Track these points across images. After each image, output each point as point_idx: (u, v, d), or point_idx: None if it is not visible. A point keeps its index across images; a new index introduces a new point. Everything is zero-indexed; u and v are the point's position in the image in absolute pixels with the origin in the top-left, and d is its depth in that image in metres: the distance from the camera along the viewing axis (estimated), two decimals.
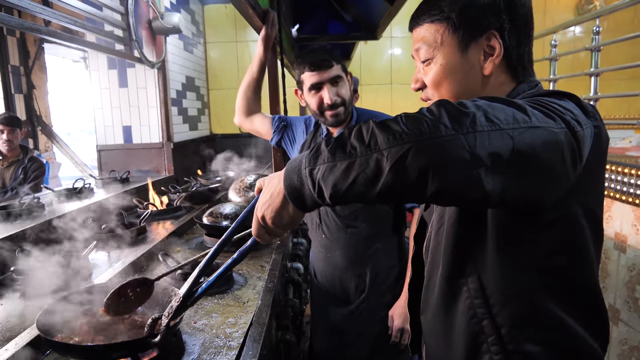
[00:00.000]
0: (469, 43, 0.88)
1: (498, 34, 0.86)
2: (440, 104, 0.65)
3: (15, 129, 3.26)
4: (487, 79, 0.89)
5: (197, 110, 4.91)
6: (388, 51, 5.38)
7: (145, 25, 3.34)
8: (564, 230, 0.79)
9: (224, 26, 5.27)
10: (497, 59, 0.87)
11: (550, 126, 0.66)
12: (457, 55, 0.88)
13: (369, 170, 0.63)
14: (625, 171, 2.02)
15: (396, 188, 0.63)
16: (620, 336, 2.08)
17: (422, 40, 0.91)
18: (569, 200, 0.76)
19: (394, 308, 1.81)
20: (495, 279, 0.83)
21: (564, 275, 0.81)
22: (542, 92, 0.83)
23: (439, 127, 0.61)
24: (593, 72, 2.60)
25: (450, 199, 0.67)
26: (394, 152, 0.62)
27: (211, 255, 0.91)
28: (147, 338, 0.99)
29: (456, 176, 0.62)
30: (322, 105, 1.75)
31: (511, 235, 0.80)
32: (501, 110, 0.65)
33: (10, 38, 3.98)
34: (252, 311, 1.39)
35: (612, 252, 2.14)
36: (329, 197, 0.68)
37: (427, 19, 0.90)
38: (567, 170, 0.68)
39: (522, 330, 0.82)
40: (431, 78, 0.92)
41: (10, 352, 1.08)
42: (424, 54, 0.91)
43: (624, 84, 5.04)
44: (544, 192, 0.69)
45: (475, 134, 0.61)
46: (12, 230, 1.85)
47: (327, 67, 1.72)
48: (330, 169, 0.66)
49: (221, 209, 2.18)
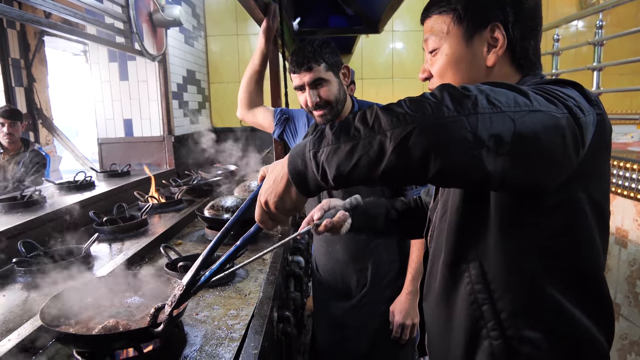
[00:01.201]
0: (473, 34, 0.89)
1: (502, 26, 0.88)
2: (443, 87, 0.66)
3: (16, 122, 3.25)
4: (490, 70, 0.91)
5: (198, 103, 4.90)
6: (389, 45, 5.36)
7: (146, 17, 3.32)
8: (567, 215, 0.79)
9: (225, 19, 5.24)
10: (500, 50, 0.89)
11: (552, 110, 0.67)
12: (462, 46, 0.90)
13: (372, 152, 0.65)
14: (627, 166, 2.01)
15: (399, 169, 0.64)
16: (621, 331, 2.08)
17: (430, 31, 0.94)
18: (572, 185, 0.76)
19: (395, 303, 1.81)
20: (496, 265, 0.84)
21: (566, 261, 0.82)
22: (545, 80, 0.84)
23: (442, 109, 0.63)
24: (595, 67, 2.59)
25: (452, 179, 0.68)
26: (397, 133, 0.63)
27: (214, 244, 0.91)
28: (150, 328, 0.99)
29: (458, 156, 0.63)
30: (307, 106, 1.75)
31: (514, 219, 0.81)
32: (503, 94, 0.66)
33: (10, 31, 3.97)
34: (253, 303, 1.40)
35: (613, 247, 2.14)
36: (332, 178, 0.69)
37: (435, 11, 0.93)
38: (569, 155, 0.69)
39: (521, 316, 0.83)
40: (437, 68, 0.94)
41: (13, 342, 1.08)
42: (431, 45, 0.94)
43: (626, 79, 5.03)
44: (545, 175, 0.70)
45: (477, 116, 0.62)
46: (13, 222, 1.85)
47: (307, 70, 1.68)
48: (334, 151, 0.67)
49: (222, 202, 2.18)
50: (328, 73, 1.71)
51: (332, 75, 1.72)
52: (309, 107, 1.74)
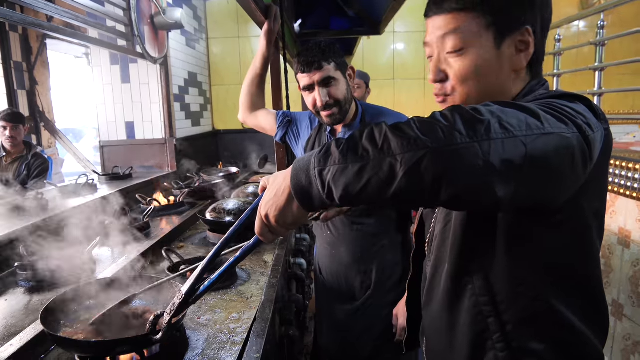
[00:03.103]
0: (504, 37, 0.84)
1: (532, 30, 0.85)
2: (454, 109, 0.65)
3: (19, 125, 3.26)
4: (514, 74, 0.88)
5: (200, 106, 4.91)
6: (391, 46, 5.36)
7: (148, 20, 3.33)
8: (572, 228, 0.79)
9: (227, 21, 5.25)
10: (529, 55, 0.86)
11: (563, 131, 0.66)
12: (493, 50, 0.85)
13: (382, 174, 0.63)
14: (629, 166, 2.01)
15: (409, 193, 0.63)
16: (624, 331, 2.08)
17: (452, 28, 0.85)
18: (578, 200, 0.76)
19: (398, 306, 1.79)
20: (502, 277, 0.83)
21: (571, 273, 0.82)
22: (553, 94, 0.82)
23: (454, 135, 0.61)
24: (597, 67, 2.58)
25: (463, 204, 0.68)
26: (408, 157, 0.61)
27: (214, 252, 0.91)
28: (149, 335, 0.99)
29: (470, 183, 0.62)
30: (315, 106, 1.75)
31: (520, 234, 0.80)
32: (514, 116, 0.65)
33: (12, 34, 3.98)
34: (255, 307, 1.40)
35: (616, 248, 2.13)
36: (339, 198, 0.67)
37: (458, 7, 0.84)
38: (578, 173, 0.68)
39: (527, 327, 0.83)
40: (459, 71, 0.86)
41: (15, 347, 1.08)
42: (452, 44, 0.85)
43: (628, 79, 5.02)
44: (553, 194, 0.70)
45: (489, 142, 0.61)
46: (16, 226, 1.85)
47: (318, 69, 1.69)
48: (341, 171, 0.66)
49: (224, 205, 2.18)
50: (337, 72, 1.73)
51: (340, 75, 1.74)
52: (317, 107, 1.74)
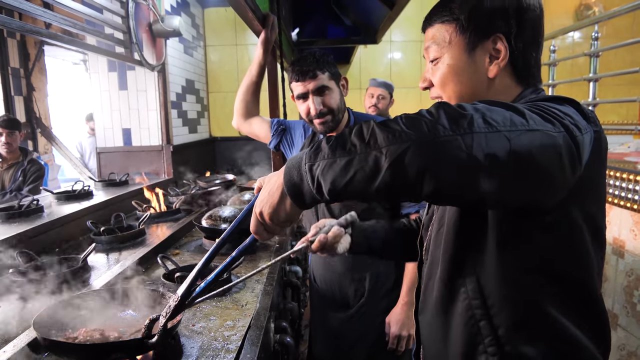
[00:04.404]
0: (475, 45, 0.89)
1: (504, 38, 0.87)
2: (439, 105, 0.66)
3: (14, 131, 3.26)
4: (491, 81, 0.90)
5: (197, 113, 4.92)
6: (388, 55, 5.39)
7: (146, 28, 3.34)
8: (564, 232, 0.79)
9: (224, 29, 5.28)
10: (502, 62, 0.88)
11: (548, 130, 0.66)
12: (464, 56, 0.90)
13: (368, 168, 0.65)
14: (623, 176, 2.02)
15: (393, 186, 0.65)
16: (619, 341, 2.08)
17: (432, 39, 0.93)
18: (569, 203, 0.76)
19: (391, 314, 1.80)
20: (494, 280, 0.83)
21: (563, 277, 0.81)
22: (542, 97, 0.83)
23: (437, 128, 0.63)
24: (592, 78, 2.61)
25: (446, 198, 0.69)
26: (393, 150, 0.63)
27: (209, 255, 0.91)
28: (144, 339, 0.99)
29: (452, 176, 0.63)
30: (309, 114, 1.77)
31: (511, 236, 0.81)
32: (499, 113, 0.66)
33: (10, 40, 3.98)
34: (250, 314, 1.39)
35: (611, 257, 2.14)
36: (327, 192, 0.69)
37: (437, 20, 0.93)
38: (565, 174, 0.68)
39: (519, 331, 0.82)
40: (438, 77, 0.93)
41: (8, 354, 1.08)
42: (432, 54, 0.94)
43: (622, 90, 5.05)
44: (541, 194, 0.70)
45: (472, 135, 0.62)
46: (10, 232, 1.84)
47: (312, 78, 1.71)
48: (329, 165, 0.68)
49: (220, 212, 2.18)
50: (331, 82, 1.76)
51: (334, 84, 1.77)
52: (310, 115, 1.76)
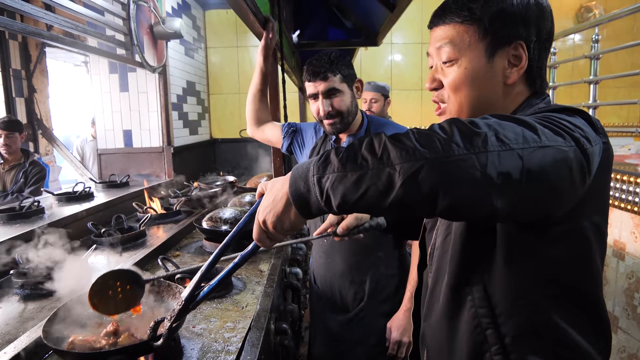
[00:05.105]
0: (496, 50, 0.87)
1: (525, 45, 0.86)
2: (452, 122, 0.66)
3: (14, 133, 3.26)
4: (508, 88, 0.89)
5: (198, 114, 4.92)
6: (388, 57, 5.40)
7: (147, 30, 3.35)
8: (572, 242, 0.79)
9: (225, 31, 5.29)
10: (522, 70, 0.87)
11: (560, 144, 0.67)
12: (483, 61, 0.87)
13: (381, 184, 0.64)
14: (624, 179, 2.02)
15: (406, 202, 0.64)
16: (619, 344, 2.08)
17: (447, 39, 0.89)
18: (577, 214, 0.76)
19: (392, 319, 1.79)
20: (501, 289, 0.83)
21: (571, 287, 0.81)
22: (552, 107, 0.83)
23: (452, 146, 0.63)
24: (592, 80, 2.61)
25: (459, 215, 0.68)
26: (407, 167, 0.62)
27: (213, 259, 0.92)
28: (150, 341, 0.99)
29: (466, 194, 0.63)
30: (319, 114, 1.79)
31: (519, 246, 0.80)
32: (511, 129, 0.66)
33: (12, 42, 3.99)
34: (250, 316, 1.39)
35: (611, 260, 2.14)
36: (336, 206, 0.68)
37: (455, 19, 0.88)
38: (575, 186, 0.69)
39: (526, 341, 0.82)
40: (452, 80, 0.90)
41: (9, 355, 1.08)
42: (447, 54, 0.89)
43: (622, 92, 5.06)
44: (551, 207, 0.70)
45: (486, 154, 0.62)
46: (12, 233, 1.85)
47: (323, 79, 1.73)
48: (340, 179, 0.67)
49: (221, 214, 2.19)
50: (342, 84, 1.76)
51: (346, 87, 1.77)
52: (320, 115, 1.78)
